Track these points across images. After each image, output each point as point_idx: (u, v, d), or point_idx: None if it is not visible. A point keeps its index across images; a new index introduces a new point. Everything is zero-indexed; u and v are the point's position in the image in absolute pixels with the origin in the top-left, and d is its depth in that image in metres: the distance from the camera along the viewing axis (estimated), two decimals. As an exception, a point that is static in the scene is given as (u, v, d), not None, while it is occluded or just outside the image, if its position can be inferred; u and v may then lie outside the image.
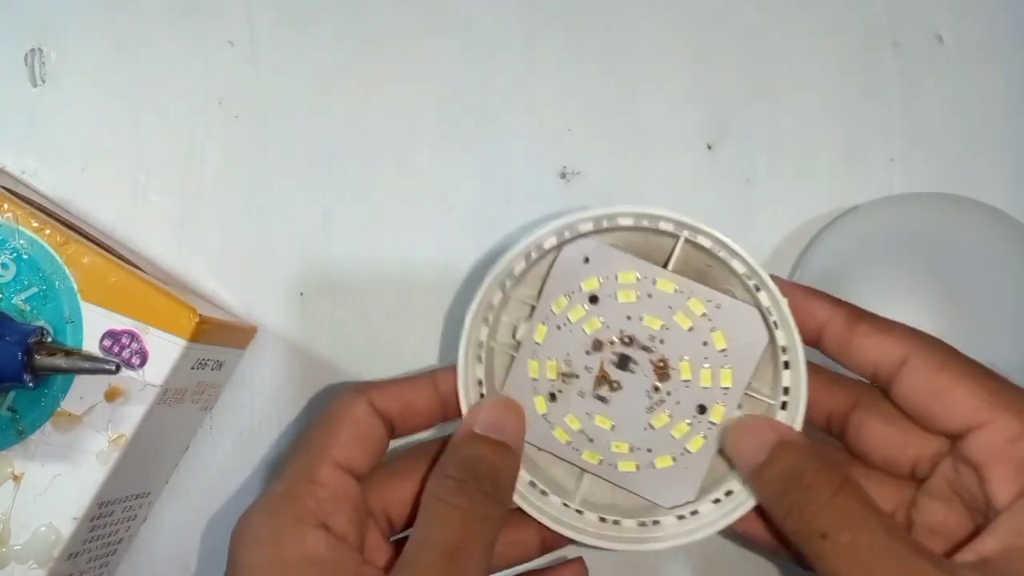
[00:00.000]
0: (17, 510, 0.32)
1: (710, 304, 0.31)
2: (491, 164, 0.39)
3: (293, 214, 0.39)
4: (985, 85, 0.40)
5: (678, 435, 0.32)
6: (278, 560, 0.28)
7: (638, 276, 0.32)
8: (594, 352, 0.32)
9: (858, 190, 0.39)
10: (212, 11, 0.39)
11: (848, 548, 0.27)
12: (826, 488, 0.28)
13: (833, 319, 0.31)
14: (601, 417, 0.32)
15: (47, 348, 0.31)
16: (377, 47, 0.39)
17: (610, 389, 0.32)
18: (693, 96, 0.40)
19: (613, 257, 0.32)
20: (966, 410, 0.28)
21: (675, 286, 0.32)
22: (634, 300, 0.32)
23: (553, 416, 0.33)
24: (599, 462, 0.33)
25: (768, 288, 0.31)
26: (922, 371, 0.29)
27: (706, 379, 0.32)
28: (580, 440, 0.33)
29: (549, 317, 0.32)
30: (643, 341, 0.32)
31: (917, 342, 0.29)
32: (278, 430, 0.38)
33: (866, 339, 0.30)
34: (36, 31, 0.38)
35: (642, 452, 0.32)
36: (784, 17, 0.40)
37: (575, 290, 0.32)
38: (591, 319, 0.32)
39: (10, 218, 0.33)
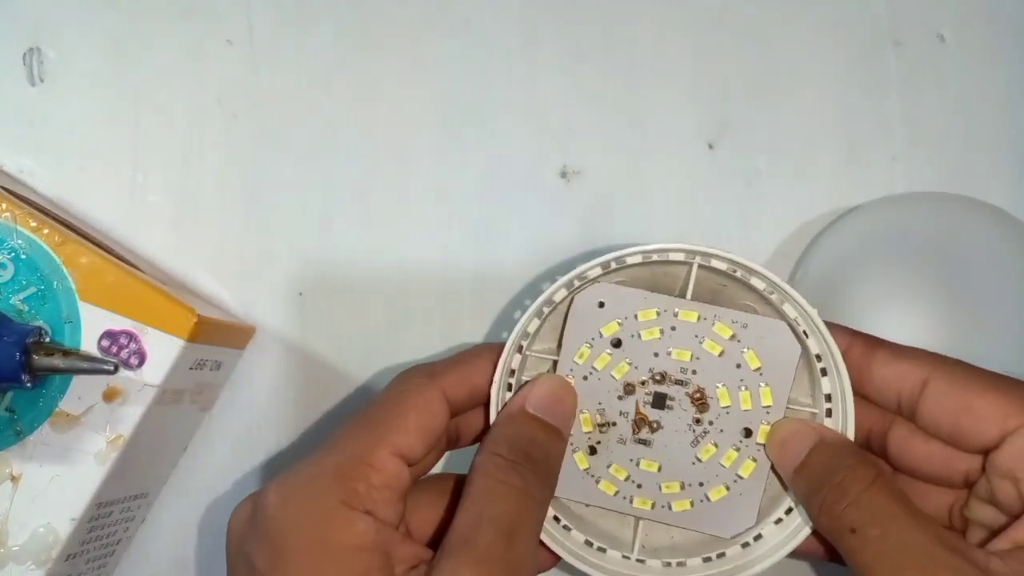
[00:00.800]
0: (15, 511, 0.32)
1: (736, 325, 0.31)
2: (491, 164, 0.39)
3: (292, 214, 0.38)
4: (987, 84, 0.40)
5: (728, 463, 0.31)
6: (326, 545, 0.26)
7: (658, 311, 0.31)
8: (627, 396, 0.31)
9: (859, 189, 0.39)
10: (211, 10, 0.39)
11: (877, 542, 0.27)
12: (857, 484, 0.28)
13: (851, 349, 0.30)
14: (646, 461, 0.32)
15: (45, 348, 0.31)
16: (377, 47, 0.39)
17: (650, 430, 0.31)
18: (694, 95, 0.40)
19: (628, 297, 0.31)
20: (998, 417, 0.28)
21: (698, 313, 0.31)
22: (658, 336, 0.31)
23: (596, 470, 0.32)
24: (652, 506, 0.32)
25: (793, 299, 0.30)
26: (946, 390, 0.29)
27: (746, 401, 0.31)
28: (628, 488, 0.32)
29: (574, 369, 0.32)
30: (675, 375, 0.31)
31: (936, 363, 0.29)
32: (277, 430, 0.38)
33: (885, 366, 0.30)
34: (34, 30, 0.38)
35: (694, 488, 0.32)
36: (785, 16, 0.40)
37: (595, 337, 0.31)
38: (618, 363, 0.31)
39: (8, 218, 0.33)
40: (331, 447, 0.28)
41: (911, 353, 0.30)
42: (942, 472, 0.30)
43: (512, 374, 0.31)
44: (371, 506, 0.27)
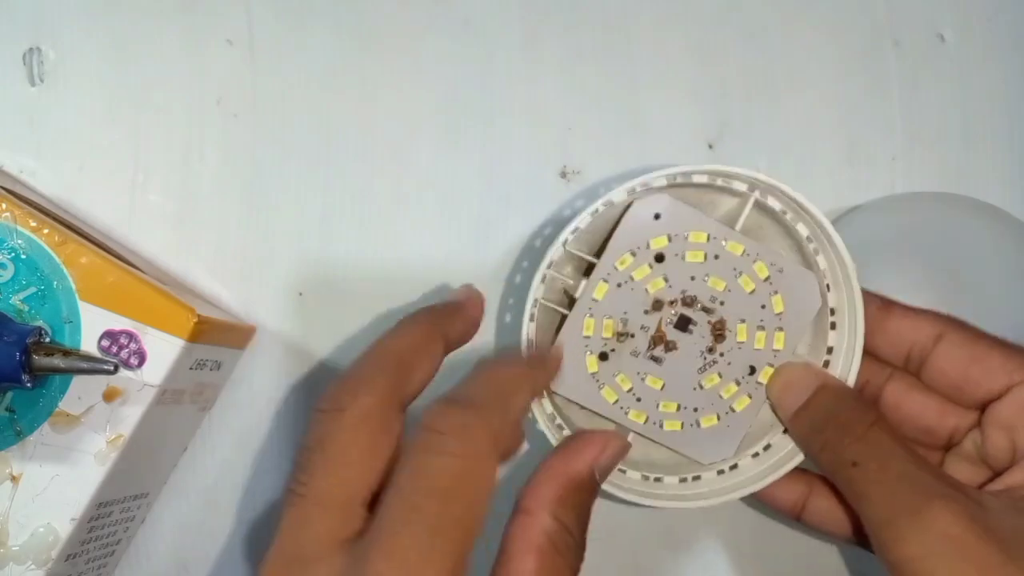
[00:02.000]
0: (15, 511, 0.32)
1: (773, 268, 0.32)
2: (491, 164, 0.39)
3: (292, 214, 0.38)
4: (986, 84, 0.40)
5: (726, 395, 0.32)
6: None
7: (709, 236, 0.32)
8: (653, 312, 0.32)
9: (860, 189, 0.39)
10: (211, 10, 0.39)
11: (876, 473, 0.28)
12: (860, 424, 0.29)
13: (867, 303, 0.32)
14: (652, 377, 0.32)
15: (45, 348, 0.31)
16: (377, 46, 0.39)
17: (665, 350, 0.32)
18: (693, 95, 0.40)
19: (686, 215, 0.32)
20: (1006, 370, 0.30)
21: (743, 248, 0.32)
22: (702, 260, 0.32)
23: (603, 376, 0.32)
24: (644, 421, 0.33)
25: (836, 247, 0.31)
26: (959, 343, 0.30)
27: (760, 341, 0.32)
28: (628, 400, 0.32)
29: (611, 274, 0.32)
30: (705, 302, 0.32)
31: (949, 320, 0.31)
32: (277, 430, 0.38)
33: (902, 319, 0.31)
34: (34, 30, 0.38)
35: (688, 412, 0.33)
36: (785, 16, 0.40)
37: (642, 247, 0.32)
38: (655, 278, 0.32)
39: (8, 218, 0.33)
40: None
41: (925, 311, 0.31)
42: (932, 425, 0.32)
43: (550, 266, 0.32)
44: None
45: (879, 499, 0.28)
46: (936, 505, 0.27)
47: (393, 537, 0.23)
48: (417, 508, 0.24)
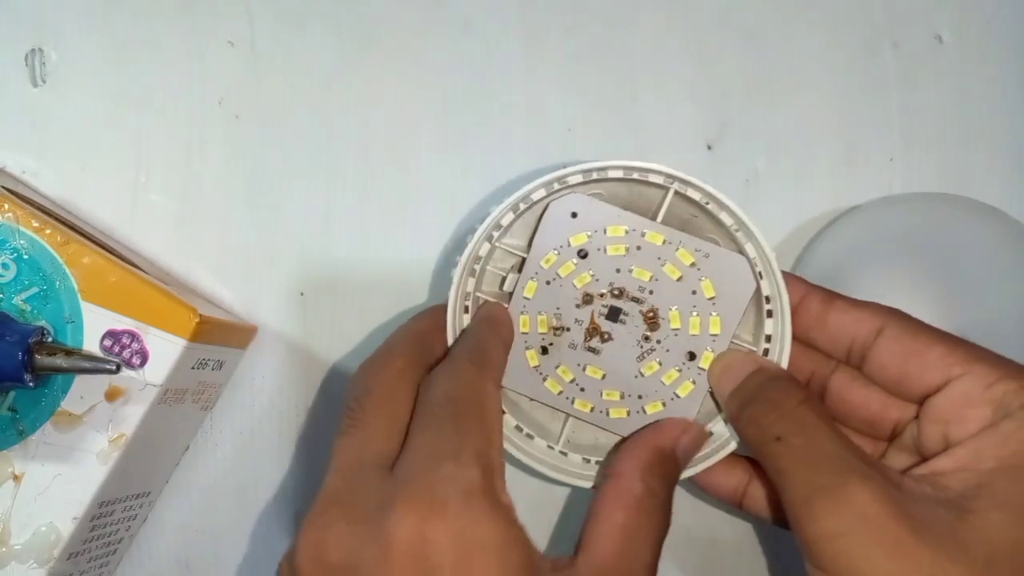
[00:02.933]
0: (17, 510, 0.32)
1: (698, 253, 0.32)
2: (491, 164, 0.39)
3: (293, 214, 0.39)
4: (984, 85, 0.40)
5: (668, 381, 0.33)
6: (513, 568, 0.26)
7: (627, 229, 0.32)
8: (584, 305, 0.33)
9: (858, 190, 0.39)
10: (212, 11, 0.39)
11: (800, 450, 0.28)
12: (788, 400, 0.30)
13: (809, 297, 0.32)
14: (592, 368, 0.33)
15: (47, 348, 0.31)
16: (377, 47, 0.39)
17: (601, 340, 0.33)
18: (693, 96, 0.40)
19: (601, 211, 0.33)
20: (944, 365, 0.29)
21: (664, 237, 0.32)
22: (623, 253, 0.33)
23: (545, 368, 0.33)
24: (591, 410, 0.33)
25: (756, 240, 0.32)
26: (899, 337, 0.30)
27: (695, 327, 0.33)
28: (572, 390, 0.33)
29: (539, 273, 0.33)
30: (633, 292, 0.33)
31: (891, 313, 0.31)
32: (278, 429, 0.38)
33: (843, 313, 0.31)
34: (36, 31, 0.38)
35: (633, 399, 0.33)
36: (784, 17, 0.40)
37: (564, 245, 0.33)
38: (581, 273, 0.33)
39: (11, 218, 0.33)
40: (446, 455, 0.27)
41: (867, 304, 0.31)
42: (875, 418, 0.31)
43: (478, 261, 0.33)
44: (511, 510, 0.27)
45: (798, 475, 0.28)
46: (854, 483, 0.27)
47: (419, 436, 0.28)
48: (431, 413, 0.28)
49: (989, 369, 0.29)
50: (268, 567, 0.38)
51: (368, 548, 0.25)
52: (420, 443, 0.28)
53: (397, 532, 0.25)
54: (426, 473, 0.26)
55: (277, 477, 0.38)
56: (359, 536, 0.26)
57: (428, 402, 0.29)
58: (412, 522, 0.25)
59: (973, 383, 0.29)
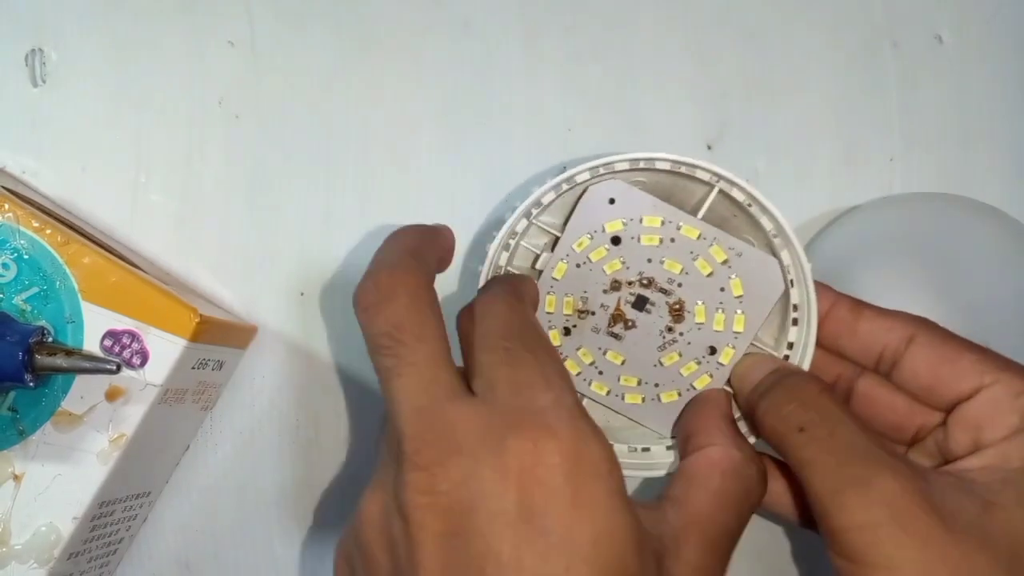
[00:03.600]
0: (17, 510, 0.32)
1: (732, 252, 0.32)
2: (491, 164, 0.39)
3: (294, 214, 0.39)
4: (984, 85, 0.40)
5: (686, 373, 0.33)
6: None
7: (663, 220, 0.33)
8: (612, 291, 0.33)
9: (858, 190, 0.39)
10: (212, 11, 0.39)
11: (825, 441, 0.28)
12: (808, 389, 0.30)
13: (838, 305, 0.32)
14: (613, 353, 0.33)
15: (48, 348, 0.31)
16: (377, 47, 0.39)
17: (625, 327, 0.33)
18: (693, 96, 0.40)
19: (639, 200, 0.33)
20: (976, 372, 0.30)
21: (699, 232, 0.32)
22: (657, 244, 0.33)
23: (566, 349, 0.34)
24: (607, 393, 0.34)
25: (794, 247, 0.32)
26: (931, 344, 0.31)
27: (719, 323, 0.33)
28: (590, 372, 0.34)
29: (570, 255, 0.33)
30: (662, 284, 0.33)
31: (921, 322, 0.31)
32: (279, 429, 0.38)
33: (873, 322, 0.31)
34: (36, 31, 0.38)
35: (649, 387, 0.34)
36: (784, 17, 0.40)
37: (598, 230, 0.33)
38: (612, 260, 0.33)
39: (11, 218, 0.33)
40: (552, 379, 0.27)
41: (896, 313, 0.32)
42: (901, 422, 0.32)
43: (514, 236, 0.33)
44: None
45: (825, 466, 0.28)
46: (883, 475, 0.27)
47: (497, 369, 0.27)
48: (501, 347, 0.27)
49: (1017, 379, 0.29)
50: (268, 567, 0.38)
51: (485, 475, 0.24)
52: (502, 376, 0.27)
53: (512, 458, 0.24)
54: (527, 403, 0.26)
55: (277, 477, 0.38)
56: (471, 465, 0.25)
57: (491, 335, 0.28)
58: (527, 447, 0.24)
59: (1003, 391, 0.29)
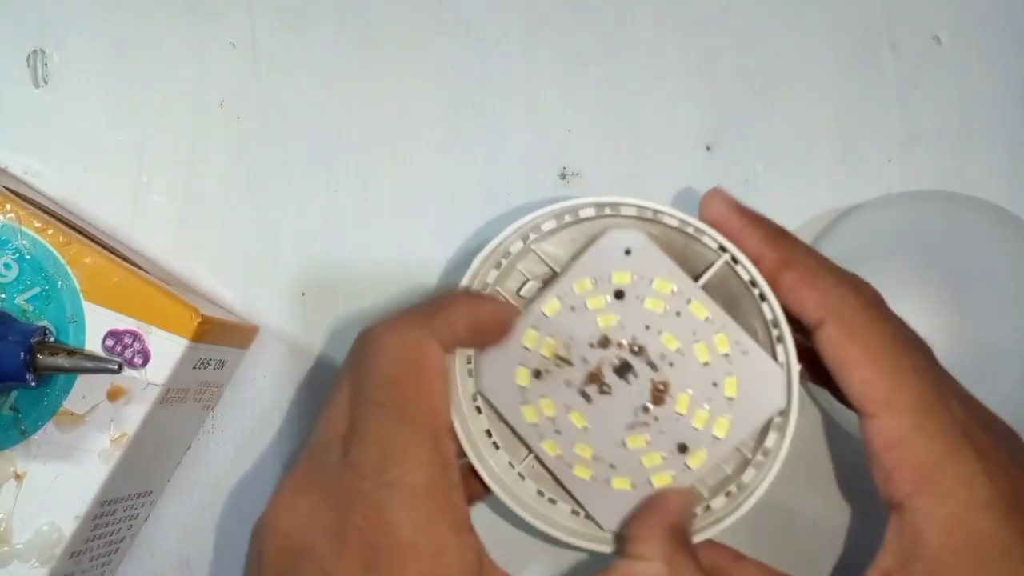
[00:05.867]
0: (19, 509, 0.32)
1: (737, 347, 0.29)
2: (491, 164, 0.39)
3: (295, 214, 0.39)
4: (983, 86, 0.40)
5: (648, 464, 0.30)
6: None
7: (674, 289, 0.30)
8: (598, 347, 0.30)
9: (856, 191, 0.40)
10: (214, 12, 0.39)
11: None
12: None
13: (763, 259, 0.29)
14: (578, 414, 0.30)
15: (50, 348, 0.31)
16: (377, 48, 0.40)
17: (599, 391, 0.30)
18: (692, 97, 0.40)
19: (656, 259, 0.30)
20: (864, 396, 0.28)
21: (708, 314, 0.29)
22: (661, 311, 0.30)
23: (530, 393, 0.30)
24: (557, 456, 0.30)
25: (786, 345, 0.29)
26: (833, 340, 0.28)
27: (700, 420, 0.29)
28: (547, 427, 0.30)
29: (567, 295, 0.30)
30: (652, 357, 0.30)
31: (833, 304, 0.28)
32: (279, 429, 0.38)
33: (789, 291, 0.29)
34: (38, 32, 0.39)
35: (603, 465, 0.30)
36: (782, 19, 0.40)
37: (604, 278, 0.30)
38: (608, 314, 0.30)
39: (13, 218, 0.33)
40: (391, 457, 0.26)
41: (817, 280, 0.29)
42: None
43: (507, 256, 0.31)
44: (467, 514, 0.27)
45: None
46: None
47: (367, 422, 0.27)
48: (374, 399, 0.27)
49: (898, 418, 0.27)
50: (269, 566, 0.38)
51: (321, 529, 0.26)
52: (365, 431, 0.27)
53: (349, 535, 0.25)
54: (372, 473, 0.26)
55: (278, 476, 0.38)
56: (315, 516, 0.26)
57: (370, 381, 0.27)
58: (362, 530, 0.25)
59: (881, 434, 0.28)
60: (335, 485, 0.26)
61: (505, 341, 0.31)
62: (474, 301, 0.30)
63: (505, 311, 0.30)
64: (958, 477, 0.26)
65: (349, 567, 0.25)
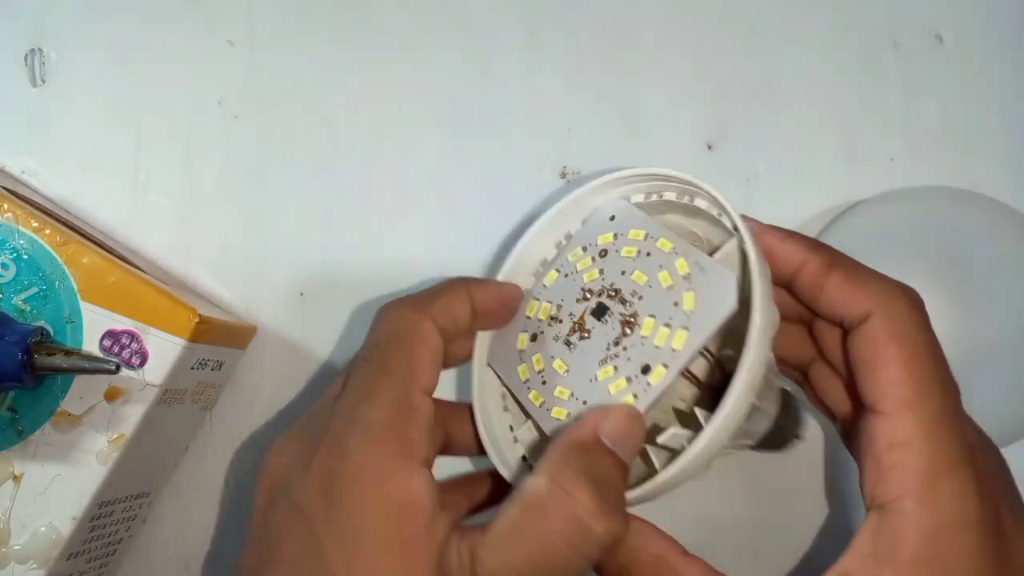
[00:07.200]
0: (17, 510, 0.32)
1: (695, 266, 0.30)
2: (491, 164, 0.39)
3: (293, 214, 0.39)
4: (984, 85, 0.40)
5: (614, 391, 0.30)
6: (384, 501, 0.26)
7: (646, 234, 0.31)
8: (583, 300, 0.32)
9: (858, 189, 0.40)
10: (212, 11, 0.39)
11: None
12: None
13: (807, 264, 0.30)
14: (560, 362, 0.31)
15: (47, 348, 0.31)
16: (377, 47, 0.39)
17: (580, 337, 0.31)
18: (693, 96, 0.40)
19: (635, 216, 0.32)
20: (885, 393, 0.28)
21: (672, 246, 0.31)
22: (634, 255, 0.31)
23: (526, 354, 0.32)
24: (540, 404, 0.32)
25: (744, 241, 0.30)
26: (872, 334, 0.28)
27: (662, 338, 0.30)
28: (535, 380, 0.32)
29: (564, 265, 0.33)
30: (626, 295, 0.31)
31: (882, 299, 0.29)
32: (278, 430, 0.38)
33: (838, 290, 0.29)
34: (36, 31, 0.39)
35: (577, 403, 0.31)
36: (784, 17, 0.40)
37: (592, 243, 0.32)
38: (592, 270, 0.32)
39: (10, 218, 0.33)
40: (364, 397, 0.28)
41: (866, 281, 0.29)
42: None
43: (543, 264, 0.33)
44: (425, 455, 0.28)
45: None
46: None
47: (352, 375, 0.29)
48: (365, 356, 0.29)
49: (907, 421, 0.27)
50: (268, 567, 0.38)
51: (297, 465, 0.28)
52: (351, 383, 0.29)
53: (314, 463, 0.28)
54: (344, 412, 0.28)
55: (277, 477, 0.38)
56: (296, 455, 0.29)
57: (369, 339, 0.30)
58: (323, 457, 0.27)
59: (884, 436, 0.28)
60: (317, 428, 0.29)
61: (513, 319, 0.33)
62: (474, 285, 0.32)
63: (507, 291, 0.33)
64: (953, 491, 0.27)
65: (311, 492, 0.27)
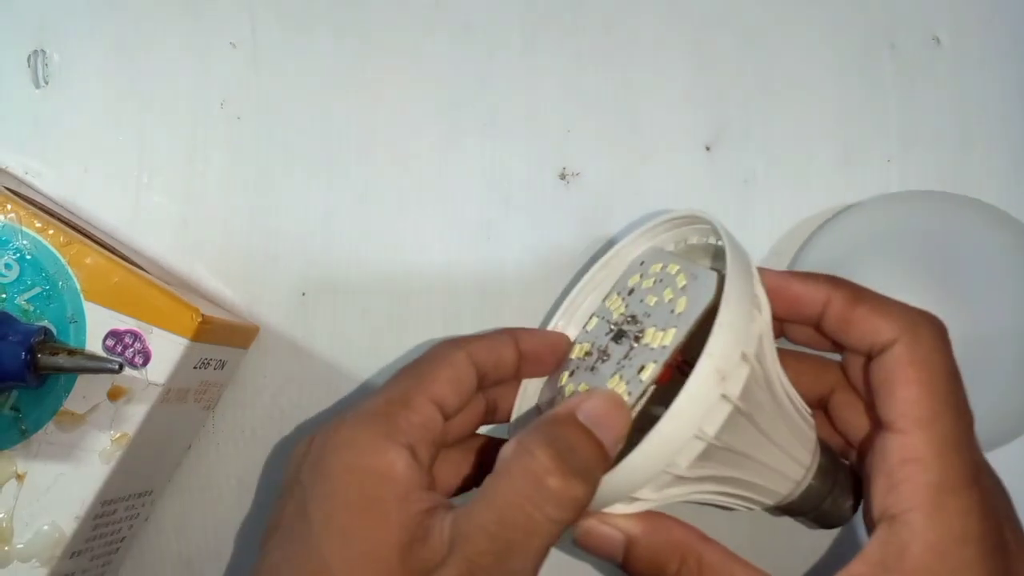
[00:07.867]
0: (20, 509, 0.32)
1: (691, 277, 0.31)
2: (492, 166, 0.39)
3: (295, 214, 0.39)
4: (982, 87, 0.40)
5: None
6: (355, 466, 0.28)
7: (662, 265, 0.33)
8: (609, 333, 0.33)
9: (855, 191, 0.40)
10: (214, 13, 0.39)
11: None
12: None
13: (833, 301, 0.31)
14: (584, 384, 0.32)
15: (50, 348, 0.31)
16: (378, 48, 0.40)
17: (601, 361, 0.32)
18: (692, 97, 0.40)
19: (659, 254, 0.34)
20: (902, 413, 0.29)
21: (678, 267, 0.32)
22: (651, 286, 0.33)
23: (564, 388, 0.33)
24: None
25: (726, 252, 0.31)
26: (896, 358, 0.30)
27: (656, 340, 0.31)
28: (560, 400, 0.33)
29: (601, 310, 0.34)
30: (640, 317, 0.32)
31: (907, 326, 0.30)
32: (280, 429, 0.38)
33: (864, 320, 0.31)
34: (39, 32, 0.39)
35: None
36: (783, 19, 0.40)
37: (624, 288, 0.34)
38: (620, 307, 0.33)
39: (13, 219, 0.33)
40: (378, 393, 0.31)
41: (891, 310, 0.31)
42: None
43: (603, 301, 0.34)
44: (409, 440, 0.29)
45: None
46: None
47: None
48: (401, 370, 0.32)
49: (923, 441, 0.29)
50: (269, 566, 0.38)
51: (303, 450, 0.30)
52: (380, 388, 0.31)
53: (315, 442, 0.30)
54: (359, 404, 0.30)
55: (279, 476, 0.38)
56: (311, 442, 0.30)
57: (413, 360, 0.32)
58: (320, 436, 0.30)
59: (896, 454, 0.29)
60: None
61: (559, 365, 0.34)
62: (520, 332, 0.34)
63: (553, 339, 0.34)
64: (959, 507, 0.28)
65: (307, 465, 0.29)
